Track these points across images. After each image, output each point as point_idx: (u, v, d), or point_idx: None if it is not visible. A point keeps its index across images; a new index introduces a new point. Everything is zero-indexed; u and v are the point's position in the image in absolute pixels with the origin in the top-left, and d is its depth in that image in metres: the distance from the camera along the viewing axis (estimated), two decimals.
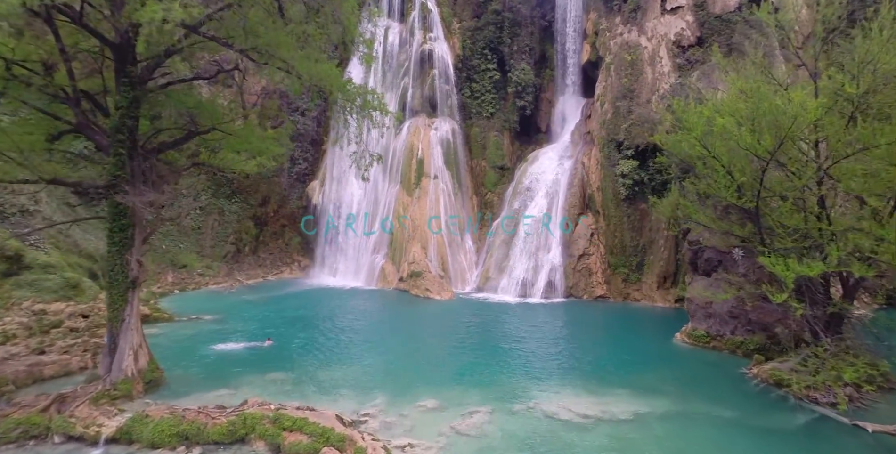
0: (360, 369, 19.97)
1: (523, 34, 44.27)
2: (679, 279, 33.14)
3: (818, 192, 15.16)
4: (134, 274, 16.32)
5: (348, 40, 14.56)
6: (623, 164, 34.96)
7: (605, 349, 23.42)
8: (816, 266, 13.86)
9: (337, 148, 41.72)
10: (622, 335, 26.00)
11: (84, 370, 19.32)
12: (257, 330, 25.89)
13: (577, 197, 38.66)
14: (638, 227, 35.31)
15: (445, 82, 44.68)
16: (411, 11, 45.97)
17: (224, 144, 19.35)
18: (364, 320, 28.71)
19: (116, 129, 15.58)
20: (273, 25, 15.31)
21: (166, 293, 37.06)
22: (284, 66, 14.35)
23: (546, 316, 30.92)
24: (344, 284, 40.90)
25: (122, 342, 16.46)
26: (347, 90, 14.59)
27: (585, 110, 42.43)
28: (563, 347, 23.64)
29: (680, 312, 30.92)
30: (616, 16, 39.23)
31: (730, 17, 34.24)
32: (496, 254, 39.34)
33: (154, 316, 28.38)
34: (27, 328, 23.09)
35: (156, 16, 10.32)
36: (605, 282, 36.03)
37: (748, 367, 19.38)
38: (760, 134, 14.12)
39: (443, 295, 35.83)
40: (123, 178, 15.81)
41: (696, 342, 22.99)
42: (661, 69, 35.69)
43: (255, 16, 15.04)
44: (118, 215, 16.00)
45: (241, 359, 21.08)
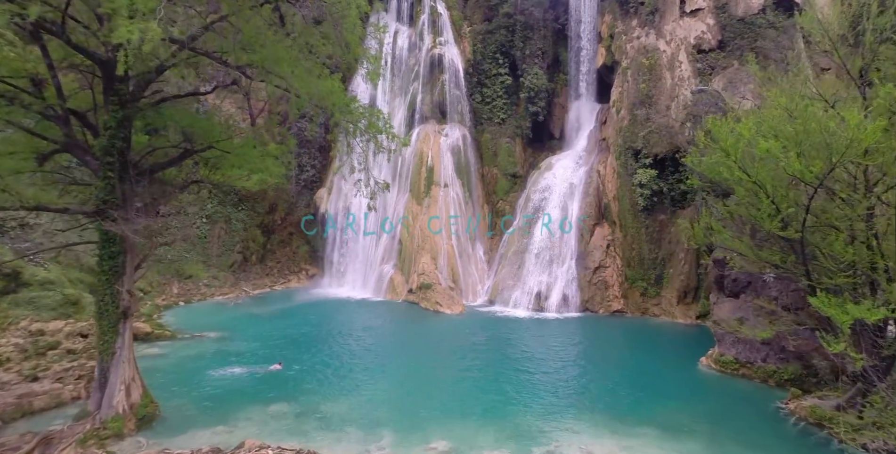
0: (366, 400, 18.83)
1: (536, 37, 42.92)
2: (700, 294, 31.70)
3: (872, 221, 13.73)
4: (125, 304, 15.30)
5: (351, 59, 13.43)
6: (641, 173, 33.54)
7: (626, 375, 22.07)
8: (878, 311, 12.42)
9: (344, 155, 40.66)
10: (643, 357, 24.62)
11: (76, 400, 18.35)
12: (261, 350, 24.87)
13: (592, 206, 37.30)
14: (657, 239, 33.88)
15: (456, 87, 43.47)
16: (420, 15, 44.83)
17: (223, 161, 18.32)
18: (372, 339, 27.58)
19: (105, 151, 14.56)
20: (273, 38, 14.24)
21: (171, 305, 36.24)
22: (283, 83, 13.24)
23: (561, 333, 29.63)
24: (352, 296, 39.86)
25: (112, 376, 15.44)
26: (351, 110, 13.47)
27: (600, 116, 41.05)
28: (580, 372, 22.34)
29: (702, 330, 29.52)
30: (632, 18, 37.80)
31: (753, 19, 32.75)
32: (508, 265, 38.07)
33: (155, 333, 27.47)
34: (22, 351, 22.26)
35: (132, 37, 9.25)
36: (622, 296, 34.64)
37: (784, 402, 17.98)
38: (810, 159, 12.74)
39: (453, 308, 34.64)
40: (113, 203, 14.80)
41: (723, 369, 21.58)
42: (680, 74, 34.23)
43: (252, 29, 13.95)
44: (108, 242, 14.99)
45: (242, 387, 20.03)
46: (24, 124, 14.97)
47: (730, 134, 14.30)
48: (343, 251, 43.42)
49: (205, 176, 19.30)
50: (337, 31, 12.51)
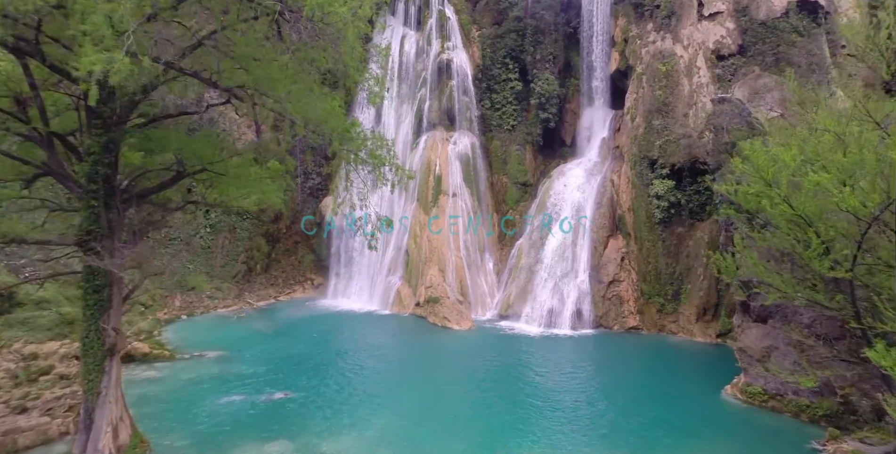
0: (371, 436, 17.69)
1: (547, 42, 41.59)
2: (721, 312, 30.28)
3: None
4: (111, 341, 14.27)
5: (349, 84, 12.34)
6: (658, 184, 32.18)
7: (647, 404, 20.75)
8: None
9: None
10: (664, 383, 23.28)
11: (64, 436, 17.41)
12: (262, 374, 23.86)
13: (605, 217, 35.97)
14: (674, 253, 32.49)
15: (464, 93, 42.26)
16: (428, 19, 43.65)
17: (219, 180, 17.26)
18: (378, 361, 26.44)
19: (88, 178, 13.53)
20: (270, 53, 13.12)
21: (173, 319, 35.43)
22: (277, 107, 12.14)
23: (575, 354, 28.40)
24: (358, 308, 38.83)
25: (98, 417, 14.42)
26: (351, 136, 12.34)
27: (614, 123, 39.66)
28: (596, 404, 20.99)
29: (723, 350, 28.17)
30: (647, 22, 36.38)
31: (775, 23, 31.23)
32: (519, 278, 36.82)
33: (153, 354, 26.54)
34: (13, 377, 21.40)
35: (94, 68, 8.19)
36: (638, 312, 33.29)
37: (821, 442, 16.62)
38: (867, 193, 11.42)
39: (462, 324, 33.45)
40: (98, 233, 13.76)
41: (750, 400, 20.23)
42: (698, 81, 32.81)
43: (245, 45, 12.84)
44: (92, 275, 13.96)
45: (241, 419, 18.97)
46: (2, 148, 13.97)
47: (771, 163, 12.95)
48: (349, 261, 42.42)
49: (201, 193, 18.31)
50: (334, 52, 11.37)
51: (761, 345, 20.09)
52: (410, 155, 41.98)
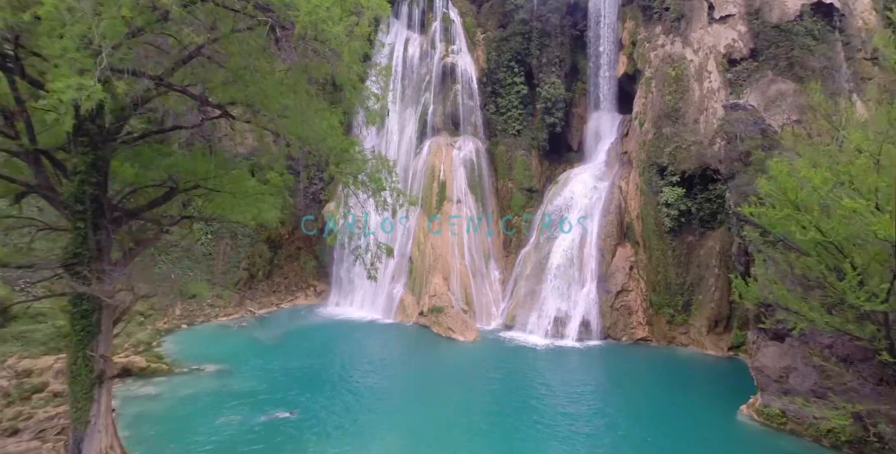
0: None
1: (553, 45, 40.79)
2: (733, 324, 29.46)
3: None
4: (100, 368, 13.62)
5: (347, 108, 11.64)
6: (667, 192, 31.36)
7: (659, 427, 19.94)
8: None
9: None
10: (677, 401, 22.46)
11: None
12: (262, 390, 23.19)
13: (613, 225, 35.17)
14: (684, 263, 31.65)
15: (469, 97, 41.53)
16: (432, 22, 42.92)
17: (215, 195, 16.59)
18: (381, 375, 25.70)
19: (75, 198, 12.86)
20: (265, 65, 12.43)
21: (173, 329, 34.81)
22: (271, 126, 11.45)
23: (582, 367, 27.63)
24: (361, 316, 38.16)
25: (87, 448, 13.77)
26: (350, 157, 11.65)
27: (622, 128, 38.83)
28: (606, 425, 20.20)
29: (735, 364, 27.39)
30: (656, 25, 35.53)
31: (789, 26, 30.33)
32: (524, 286, 36.04)
33: (151, 368, 25.88)
34: (6, 396, 20.83)
35: (63, 97, 7.52)
36: (647, 323, 32.47)
37: None
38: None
39: (466, 335, 32.69)
40: (86, 256, 13.10)
41: (768, 422, 19.42)
42: (709, 86, 31.96)
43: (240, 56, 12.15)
44: (79, 299, 13.31)
45: (239, 442, 18.31)
46: None
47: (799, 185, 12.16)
48: (351, 268, 41.70)
49: (198, 208, 17.67)
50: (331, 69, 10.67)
51: (779, 365, 19.28)
52: (414, 160, 41.30)
